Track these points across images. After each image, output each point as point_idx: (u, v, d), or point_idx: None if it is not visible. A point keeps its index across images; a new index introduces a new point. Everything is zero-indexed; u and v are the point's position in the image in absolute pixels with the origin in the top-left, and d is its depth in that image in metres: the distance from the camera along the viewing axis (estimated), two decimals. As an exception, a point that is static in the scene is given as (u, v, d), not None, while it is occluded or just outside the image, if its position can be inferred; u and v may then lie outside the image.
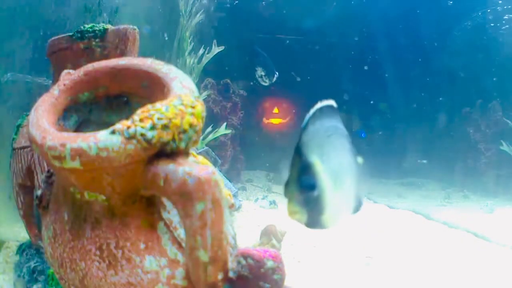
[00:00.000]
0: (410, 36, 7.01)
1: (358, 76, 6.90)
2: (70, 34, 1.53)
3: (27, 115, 1.66)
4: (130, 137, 0.65)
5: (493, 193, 5.09)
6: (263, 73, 3.99)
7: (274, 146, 6.40)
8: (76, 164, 0.65)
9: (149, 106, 0.69)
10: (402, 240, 2.79)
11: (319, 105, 0.77)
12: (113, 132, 0.65)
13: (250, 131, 6.03)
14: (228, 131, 4.21)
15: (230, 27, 6.13)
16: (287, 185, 0.70)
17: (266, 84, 4.18)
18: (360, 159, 0.83)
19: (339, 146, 0.77)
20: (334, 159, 0.72)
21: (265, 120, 6.83)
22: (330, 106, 0.79)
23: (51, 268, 0.84)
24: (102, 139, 0.64)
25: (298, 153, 0.70)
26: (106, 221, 0.72)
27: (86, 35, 1.49)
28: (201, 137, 3.63)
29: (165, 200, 0.76)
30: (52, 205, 0.83)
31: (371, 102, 6.88)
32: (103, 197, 0.72)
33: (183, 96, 0.71)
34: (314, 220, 0.70)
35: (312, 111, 0.76)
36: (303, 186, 0.67)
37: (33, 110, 0.77)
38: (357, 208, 0.84)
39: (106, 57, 1.45)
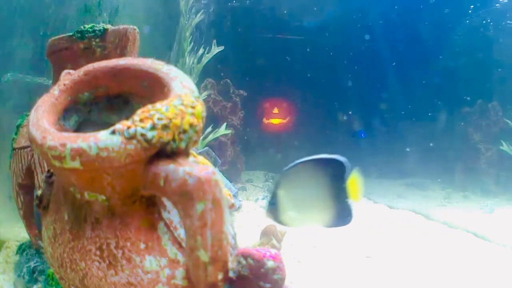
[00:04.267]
0: (410, 35, 7.01)
1: (358, 76, 6.89)
2: (70, 34, 1.53)
3: (27, 115, 1.66)
4: (130, 137, 0.65)
5: (493, 193, 5.08)
6: None
7: (274, 146, 6.40)
8: (76, 164, 0.65)
9: (149, 106, 0.68)
10: (402, 240, 2.79)
11: (301, 160, 1.23)
12: (113, 132, 0.65)
13: (250, 131, 6.02)
14: (228, 131, 4.21)
15: (230, 26, 6.13)
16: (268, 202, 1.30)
17: None
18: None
19: (308, 186, 1.24)
20: (298, 192, 1.24)
21: (265, 120, 6.83)
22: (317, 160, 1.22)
23: (51, 268, 0.84)
24: (102, 139, 0.64)
25: (276, 186, 1.27)
26: (106, 221, 0.72)
27: (86, 35, 1.49)
28: (201, 137, 3.63)
29: (165, 200, 0.76)
30: (52, 205, 0.83)
31: (371, 102, 6.88)
32: (103, 197, 0.72)
33: (183, 96, 0.71)
34: (276, 219, 1.27)
35: (294, 163, 1.22)
36: (270, 203, 1.27)
37: (33, 110, 0.77)
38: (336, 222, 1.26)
39: (106, 57, 1.45)
